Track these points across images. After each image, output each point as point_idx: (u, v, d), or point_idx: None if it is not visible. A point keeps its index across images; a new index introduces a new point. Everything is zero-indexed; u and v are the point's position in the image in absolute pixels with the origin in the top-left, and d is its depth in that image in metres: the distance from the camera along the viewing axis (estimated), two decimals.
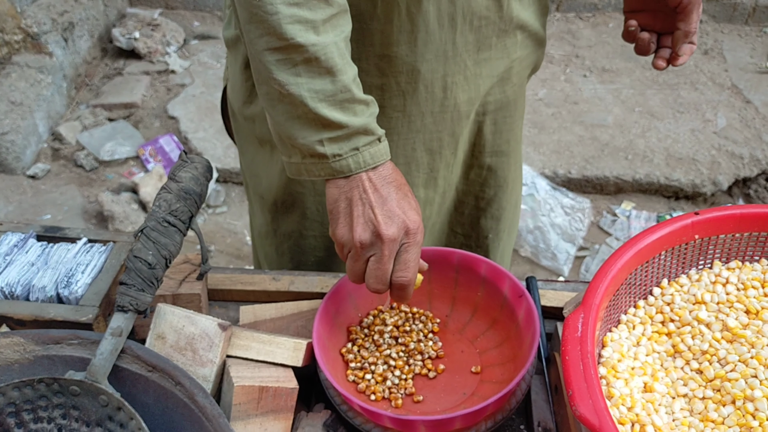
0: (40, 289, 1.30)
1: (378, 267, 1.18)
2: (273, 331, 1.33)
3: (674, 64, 1.42)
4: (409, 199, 1.20)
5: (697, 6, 1.35)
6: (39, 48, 4.50)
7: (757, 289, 1.22)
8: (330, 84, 1.15)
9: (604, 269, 1.13)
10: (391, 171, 1.21)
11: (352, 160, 1.17)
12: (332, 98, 1.15)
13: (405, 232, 1.17)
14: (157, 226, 1.17)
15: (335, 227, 1.21)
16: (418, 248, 1.20)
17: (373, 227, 1.16)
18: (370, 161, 1.18)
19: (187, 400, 1.09)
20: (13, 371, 1.15)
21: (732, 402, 1.06)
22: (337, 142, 1.16)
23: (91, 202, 4.06)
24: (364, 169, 1.18)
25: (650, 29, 1.44)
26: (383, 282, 1.19)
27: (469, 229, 1.84)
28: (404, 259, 1.19)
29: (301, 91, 1.14)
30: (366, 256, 1.19)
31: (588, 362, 1.00)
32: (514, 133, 1.72)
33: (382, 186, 1.18)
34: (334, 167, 1.17)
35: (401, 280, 1.19)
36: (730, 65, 4.91)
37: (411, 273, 1.19)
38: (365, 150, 1.18)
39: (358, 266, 1.21)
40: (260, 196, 1.76)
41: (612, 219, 3.96)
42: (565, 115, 4.50)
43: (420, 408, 1.29)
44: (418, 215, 1.20)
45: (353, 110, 1.17)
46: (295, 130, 1.17)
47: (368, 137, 1.18)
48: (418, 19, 1.36)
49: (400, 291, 1.21)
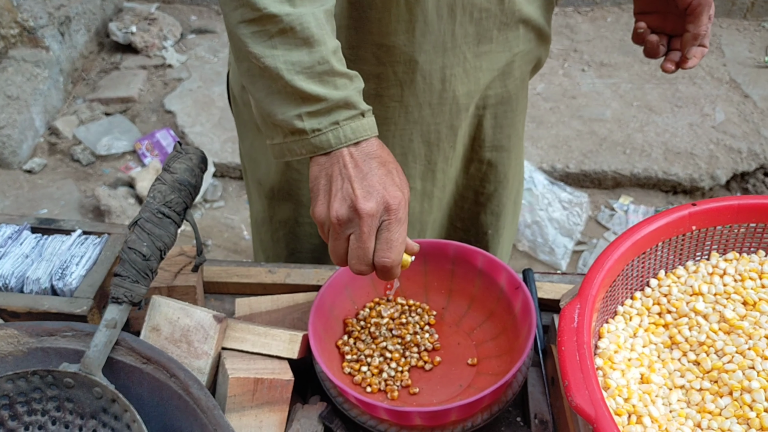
0: (35, 281, 1.30)
1: (358, 246, 1.12)
2: (269, 323, 1.33)
3: (683, 67, 1.39)
4: (393, 176, 1.14)
5: (707, 8, 1.33)
6: (35, 42, 4.49)
7: (754, 280, 1.22)
8: (307, 55, 1.11)
9: (600, 260, 1.13)
10: (376, 147, 1.15)
11: (332, 134, 1.12)
12: (310, 70, 1.11)
13: (385, 207, 1.11)
14: (152, 217, 1.17)
15: (314, 206, 1.16)
16: (400, 226, 1.13)
17: (350, 202, 1.10)
18: (351, 136, 1.13)
19: (181, 392, 1.08)
20: (6, 363, 1.14)
21: (729, 393, 1.06)
22: (317, 117, 1.12)
23: (88, 196, 4.06)
24: (345, 145, 1.12)
25: (660, 31, 1.43)
26: (365, 262, 1.13)
27: (468, 224, 1.84)
28: (386, 238, 1.12)
29: (277, 63, 1.11)
30: (345, 233, 1.13)
31: (584, 353, 0.99)
32: (515, 129, 1.71)
33: (364, 161, 1.13)
34: (313, 143, 1.13)
35: (383, 261, 1.12)
36: (729, 59, 4.91)
37: (394, 253, 1.13)
38: (346, 124, 1.12)
39: (338, 245, 1.15)
40: (258, 182, 1.76)
41: (610, 213, 3.96)
42: (563, 109, 4.49)
43: (416, 400, 1.28)
44: (401, 192, 1.13)
45: (333, 83, 1.12)
46: (275, 106, 1.13)
47: (349, 111, 1.13)
48: (416, 9, 1.36)
49: (383, 273, 1.14)
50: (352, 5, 1.35)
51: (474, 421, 1.21)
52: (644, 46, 1.43)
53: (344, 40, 1.40)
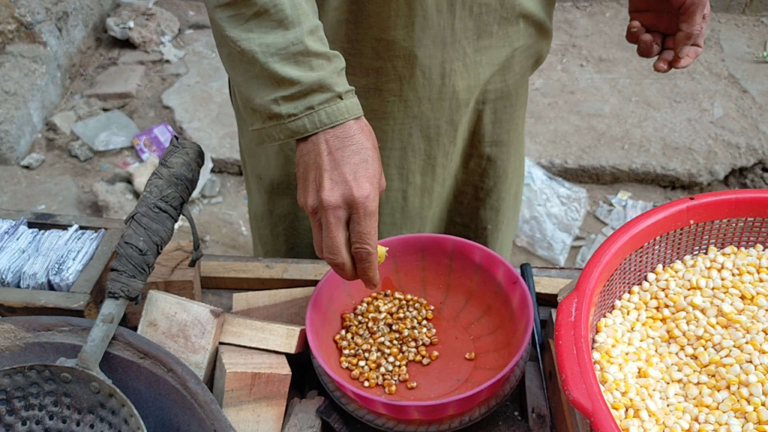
0: (31, 275, 1.30)
1: (326, 235, 1.11)
2: (266, 318, 1.33)
3: (676, 66, 1.39)
4: (367, 164, 1.12)
5: (701, 7, 1.31)
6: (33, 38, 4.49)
7: (752, 274, 1.22)
8: (281, 37, 1.10)
9: (598, 254, 1.13)
10: (355, 132, 1.13)
11: (308, 119, 1.11)
12: (284, 51, 1.10)
13: (350, 201, 1.09)
14: (148, 212, 1.17)
15: (297, 193, 1.16)
16: (370, 219, 1.11)
17: (315, 192, 1.11)
18: (327, 121, 1.11)
19: (179, 387, 1.08)
20: (4, 358, 1.14)
21: (727, 387, 1.06)
22: (292, 101, 1.11)
23: (86, 192, 4.06)
24: (321, 129, 1.11)
25: (655, 30, 1.42)
26: (334, 252, 1.12)
27: (468, 219, 1.84)
28: (357, 231, 1.11)
29: (252, 46, 1.10)
30: (318, 222, 1.13)
31: (582, 347, 0.99)
32: (515, 124, 1.71)
33: (338, 149, 1.11)
34: (290, 128, 1.12)
35: (358, 251, 1.12)
36: (727, 55, 4.91)
37: (369, 244, 1.12)
38: (321, 109, 1.11)
39: (315, 234, 1.15)
40: (258, 176, 1.76)
41: (608, 209, 3.96)
42: (561, 104, 4.50)
43: (414, 394, 1.28)
44: (372, 184, 1.11)
45: (309, 64, 1.11)
46: (253, 91, 1.13)
47: (324, 94, 1.11)
48: (415, 4, 1.35)
49: (360, 262, 1.14)
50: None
51: (471, 416, 1.21)
52: (638, 44, 1.43)
53: (343, 34, 1.40)
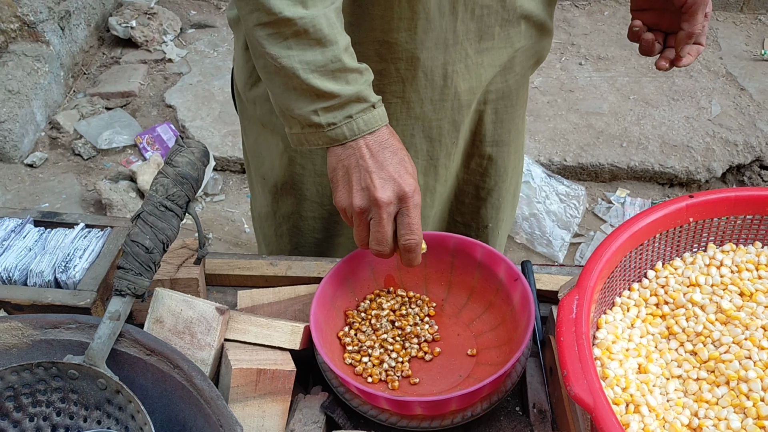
0: (38, 274, 1.31)
1: (377, 230, 1.21)
2: (270, 315, 1.33)
3: (677, 65, 1.39)
4: (405, 163, 1.22)
5: (702, 6, 1.32)
6: (35, 36, 4.49)
7: (751, 271, 1.23)
8: (320, 55, 1.17)
9: (598, 252, 1.14)
10: (388, 136, 1.23)
11: (347, 127, 1.20)
12: (323, 69, 1.17)
13: (401, 195, 1.20)
14: (154, 210, 1.18)
15: (335, 195, 1.25)
16: (417, 210, 1.22)
17: (369, 193, 1.19)
18: (365, 128, 1.21)
19: (185, 383, 1.09)
20: (11, 355, 1.15)
21: (726, 383, 1.07)
22: (331, 111, 1.19)
23: (89, 190, 4.06)
24: (360, 136, 1.21)
25: (657, 29, 1.42)
26: (384, 244, 1.22)
27: (469, 219, 1.84)
28: (407, 223, 1.22)
29: (293, 63, 1.17)
30: (366, 220, 1.22)
31: (583, 343, 1.00)
32: (515, 123, 1.71)
33: (379, 151, 1.21)
34: (330, 136, 1.20)
35: (409, 242, 1.22)
36: (725, 53, 4.91)
37: (417, 235, 1.22)
38: (359, 117, 1.20)
39: (360, 231, 1.24)
40: (262, 177, 1.76)
41: (607, 206, 3.96)
42: (560, 103, 4.49)
43: (416, 390, 1.29)
44: (414, 179, 1.22)
45: (345, 79, 1.19)
46: (292, 102, 1.20)
47: (361, 104, 1.20)
48: (418, 7, 1.36)
49: (408, 253, 1.24)
50: (355, 2, 1.36)
51: (474, 411, 1.22)
52: (639, 43, 1.43)
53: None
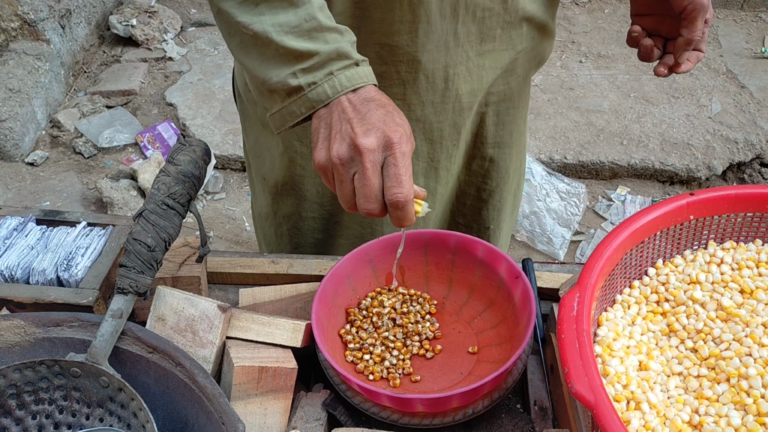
0: (40, 272, 1.31)
1: (363, 183, 1.09)
2: (272, 313, 1.34)
3: (676, 71, 1.38)
4: (393, 116, 1.12)
5: (702, 13, 1.29)
6: (36, 35, 4.49)
7: (751, 269, 1.23)
8: (293, 15, 1.13)
9: (599, 249, 1.14)
10: (375, 93, 1.14)
11: (328, 85, 1.12)
12: (297, 29, 1.13)
13: (386, 142, 1.09)
14: (156, 208, 1.18)
15: (314, 153, 1.14)
16: (406, 160, 1.10)
17: (349, 140, 1.09)
18: (347, 84, 1.12)
19: (187, 381, 1.09)
20: (14, 353, 1.15)
21: (726, 380, 1.07)
22: (311, 72, 1.12)
23: (90, 188, 4.06)
24: (343, 93, 1.12)
25: (656, 34, 1.41)
26: (372, 199, 1.10)
27: (470, 220, 1.84)
28: (393, 173, 1.09)
29: (265, 27, 1.13)
30: (349, 173, 1.11)
31: (584, 340, 1.01)
32: (517, 125, 1.71)
33: (363, 104, 1.12)
34: (311, 98, 1.13)
35: (396, 196, 1.09)
36: (725, 50, 4.91)
37: (405, 188, 1.09)
38: (341, 73, 1.12)
39: (344, 187, 1.12)
40: (262, 177, 1.76)
41: (607, 204, 3.97)
42: (560, 101, 4.50)
43: (418, 387, 1.30)
44: (403, 128, 1.11)
45: (323, 38, 1.13)
46: (269, 71, 1.15)
47: (343, 61, 1.13)
48: (419, 10, 1.35)
49: (397, 210, 1.10)
50: (356, 4, 1.35)
51: (475, 408, 1.22)
52: (638, 49, 1.41)
53: None
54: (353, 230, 1.72)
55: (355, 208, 1.13)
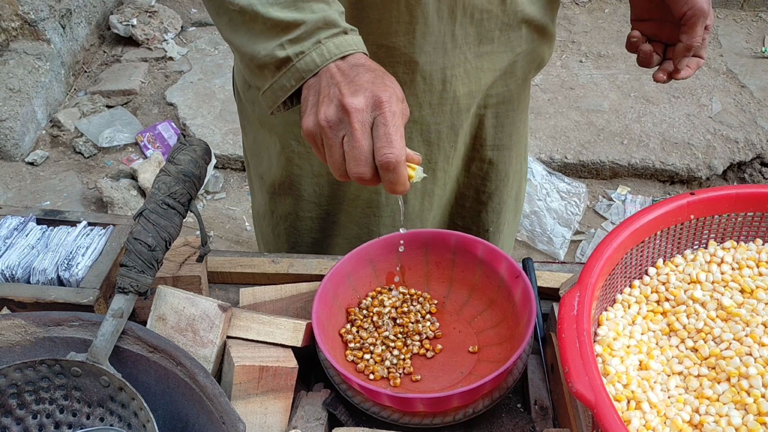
0: (41, 271, 1.31)
1: (352, 145, 1.04)
2: (272, 312, 1.34)
3: (675, 78, 1.37)
4: (384, 79, 1.08)
5: (702, 19, 1.27)
6: (36, 35, 4.49)
7: (751, 268, 1.23)
8: None
9: (600, 249, 1.14)
10: (365, 60, 1.11)
11: (316, 53, 1.09)
12: (283, 0, 1.11)
13: (375, 102, 1.04)
14: (157, 208, 1.18)
15: (303, 121, 1.10)
16: (396, 119, 1.05)
17: (337, 101, 1.04)
18: (336, 51, 1.09)
19: (188, 380, 1.09)
20: (14, 353, 1.15)
21: (727, 379, 1.07)
22: (299, 42, 1.10)
23: (90, 188, 4.06)
24: (332, 60, 1.09)
25: (656, 40, 1.40)
26: (362, 162, 1.05)
27: (469, 222, 1.84)
28: (383, 133, 1.03)
29: (250, 0, 1.12)
30: (338, 137, 1.06)
31: (584, 340, 1.01)
32: (516, 128, 1.71)
33: (351, 69, 1.08)
34: (299, 68, 1.10)
35: (386, 157, 1.03)
36: (726, 50, 4.92)
37: (396, 148, 1.03)
38: (328, 41, 1.09)
39: (334, 152, 1.07)
40: (260, 176, 1.76)
41: (607, 203, 3.97)
42: (561, 100, 4.50)
43: (418, 387, 1.30)
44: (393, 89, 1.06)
45: (309, 8, 1.11)
46: (258, 46, 1.13)
47: (331, 29, 1.10)
48: (416, 11, 1.35)
49: (388, 173, 1.05)
50: (353, 5, 1.35)
51: (475, 408, 1.22)
52: (637, 54, 1.40)
53: None
54: (350, 230, 1.72)
55: (347, 176, 1.08)
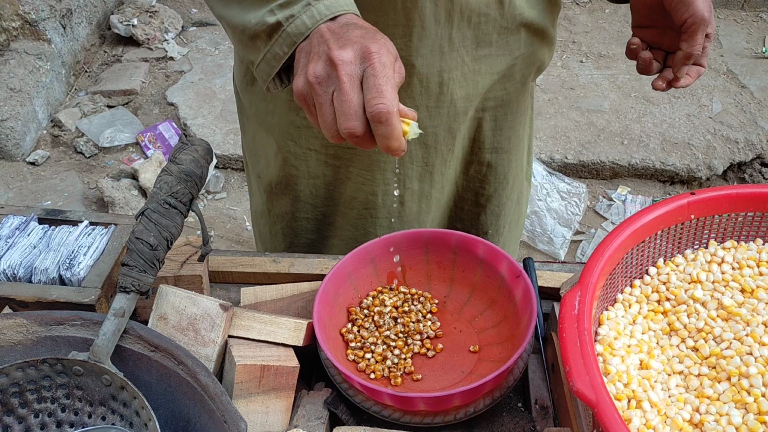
0: (43, 271, 1.31)
1: (341, 99, 1.00)
2: (274, 312, 1.34)
3: (675, 86, 1.34)
4: (374, 33, 1.05)
5: (702, 27, 1.25)
6: (37, 35, 4.50)
7: (752, 268, 1.23)
8: None
9: (600, 248, 1.14)
10: (356, 20, 1.08)
11: (306, 16, 1.07)
12: None
13: (364, 53, 1.01)
14: (158, 207, 1.18)
15: (294, 83, 1.07)
16: (387, 70, 1.01)
17: (325, 56, 1.02)
18: (326, 12, 1.07)
19: (189, 379, 1.09)
20: (16, 352, 1.15)
21: (727, 379, 1.07)
22: (288, 6, 1.08)
23: (91, 188, 4.07)
24: (322, 21, 1.06)
25: (657, 47, 1.38)
26: (351, 115, 1.00)
27: (468, 225, 1.83)
28: (372, 84, 0.99)
29: None
30: (328, 94, 1.03)
31: (585, 339, 1.01)
32: (516, 131, 1.69)
33: (342, 27, 1.05)
34: (290, 32, 1.08)
35: (377, 107, 0.98)
36: (726, 50, 4.92)
37: (387, 98, 0.99)
38: (318, 3, 1.07)
39: (325, 111, 1.03)
40: (257, 175, 1.77)
41: (608, 203, 3.97)
42: (561, 100, 4.50)
43: (419, 386, 1.30)
44: (382, 43, 1.03)
45: None
46: (248, 15, 1.12)
47: None
48: (413, 14, 1.35)
49: (380, 125, 1.00)
50: None
51: (476, 407, 1.22)
52: (637, 61, 1.38)
53: None
54: (347, 232, 1.72)
55: (340, 137, 1.05)
